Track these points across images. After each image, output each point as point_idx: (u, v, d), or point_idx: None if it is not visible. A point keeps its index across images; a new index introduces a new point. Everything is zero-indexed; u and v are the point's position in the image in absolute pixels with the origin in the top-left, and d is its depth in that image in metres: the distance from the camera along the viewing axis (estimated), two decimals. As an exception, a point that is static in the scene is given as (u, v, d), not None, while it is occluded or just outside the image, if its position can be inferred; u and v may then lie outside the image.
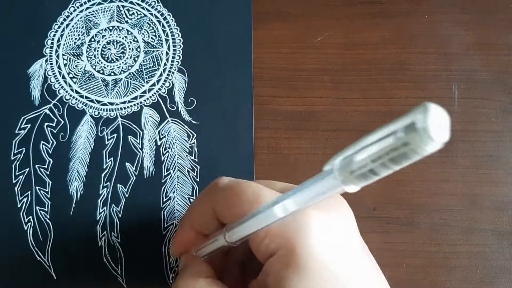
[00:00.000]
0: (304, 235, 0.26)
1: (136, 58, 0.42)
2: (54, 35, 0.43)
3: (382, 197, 0.40)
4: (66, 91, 0.41)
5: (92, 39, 0.43)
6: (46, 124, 0.40)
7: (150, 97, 0.41)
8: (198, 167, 0.40)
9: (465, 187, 0.40)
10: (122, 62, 0.42)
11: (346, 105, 0.42)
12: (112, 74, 0.42)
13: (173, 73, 0.42)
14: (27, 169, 0.39)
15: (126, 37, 0.43)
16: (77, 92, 0.41)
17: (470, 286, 0.38)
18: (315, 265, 0.26)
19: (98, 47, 0.43)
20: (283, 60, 0.43)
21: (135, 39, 0.43)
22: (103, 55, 0.42)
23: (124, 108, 0.41)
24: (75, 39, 0.43)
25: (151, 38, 0.43)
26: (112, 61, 0.42)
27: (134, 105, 0.41)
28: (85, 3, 0.44)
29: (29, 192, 0.39)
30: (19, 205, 0.39)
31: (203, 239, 0.31)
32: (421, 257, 0.38)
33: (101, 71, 0.42)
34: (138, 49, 0.43)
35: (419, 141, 0.16)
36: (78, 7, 0.44)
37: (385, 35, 0.44)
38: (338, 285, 0.26)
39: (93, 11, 0.44)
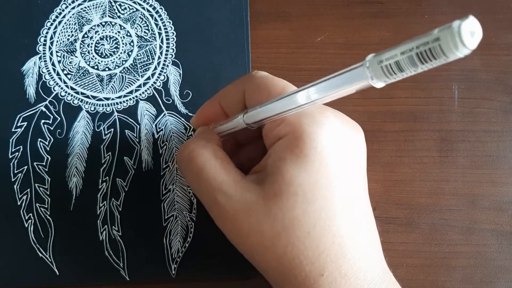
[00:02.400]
0: (316, 128, 0.28)
1: (130, 53, 0.44)
2: (47, 33, 0.44)
3: (382, 197, 0.41)
4: (61, 88, 0.42)
5: (85, 35, 0.44)
6: (43, 121, 0.42)
7: (146, 91, 0.43)
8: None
9: (465, 187, 0.41)
10: (116, 57, 0.43)
11: (346, 105, 0.43)
12: (107, 69, 0.43)
13: (167, 66, 0.43)
14: (26, 167, 0.40)
15: (119, 32, 0.44)
16: (72, 88, 0.42)
17: (470, 286, 0.39)
18: (316, 157, 0.28)
19: (92, 43, 0.44)
20: (283, 60, 0.44)
21: (128, 34, 0.44)
22: (97, 51, 0.44)
23: (120, 102, 0.42)
24: (68, 35, 0.44)
25: (144, 32, 0.44)
26: (106, 57, 0.43)
27: (130, 99, 0.42)
28: (76, -1, 0.45)
29: (29, 190, 0.40)
30: (19, 203, 0.40)
31: (224, 119, 0.34)
32: (421, 257, 0.39)
33: (96, 67, 0.43)
34: (132, 44, 0.44)
35: (449, 38, 0.18)
36: (70, 4, 0.45)
37: (385, 35, 0.45)
38: (329, 186, 0.28)
39: (85, 7, 0.45)
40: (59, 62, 0.43)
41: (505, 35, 0.45)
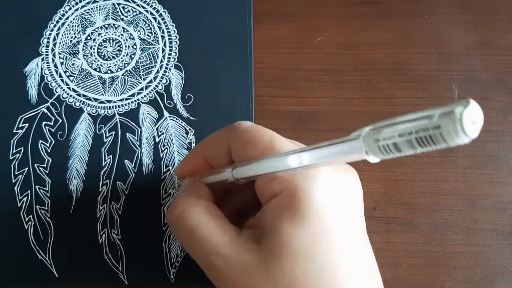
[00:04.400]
0: (310, 184, 0.27)
1: (132, 56, 0.43)
2: (50, 34, 0.44)
3: (382, 197, 0.40)
4: (63, 90, 0.42)
5: (88, 37, 0.43)
6: (44, 123, 0.41)
7: (148, 94, 0.42)
8: (197, 163, 0.40)
9: (465, 187, 0.40)
10: (119, 60, 0.43)
11: (346, 105, 0.42)
12: (109, 72, 0.43)
13: (169, 69, 0.43)
14: (26, 169, 0.40)
15: (122, 34, 0.44)
16: (74, 90, 0.42)
17: (470, 286, 0.38)
18: (314, 214, 0.27)
19: (94, 45, 0.43)
20: (283, 60, 0.44)
21: (131, 37, 0.44)
22: (100, 53, 0.43)
23: (122, 105, 0.42)
24: (71, 37, 0.43)
25: (147, 35, 0.44)
26: (109, 59, 0.43)
27: (132, 102, 0.42)
28: (80, 1, 0.45)
29: (29, 191, 0.40)
30: (19, 205, 0.39)
31: (210, 170, 0.32)
32: (421, 257, 0.39)
33: (98, 69, 0.43)
34: (134, 47, 0.43)
35: (450, 127, 0.17)
36: (73, 6, 0.44)
37: (385, 35, 0.44)
38: (328, 242, 0.27)
39: (89, 9, 0.44)
40: (61, 63, 0.43)
41: (505, 35, 0.44)
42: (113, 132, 0.41)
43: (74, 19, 0.44)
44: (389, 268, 0.39)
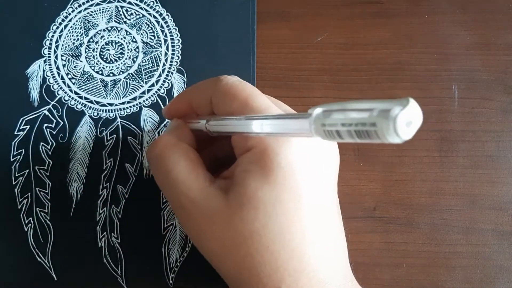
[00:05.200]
0: (282, 143, 0.28)
1: (135, 59, 0.43)
2: (53, 36, 0.43)
3: (382, 197, 0.40)
4: (65, 92, 0.42)
5: (91, 40, 0.43)
6: (46, 125, 0.41)
7: (149, 97, 0.42)
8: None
9: (465, 187, 0.40)
10: (121, 63, 0.43)
11: (346, 105, 0.42)
12: (111, 74, 0.42)
13: (172, 73, 0.43)
14: (27, 171, 0.40)
15: (124, 37, 0.43)
16: (76, 93, 0.42)
17: (470, 286, 0.38)
18: (280, 172, 0.27)
19: (97, 48, 0.43)
20: (283, 60, 0.43)
21: (134, 40, 0.43)
22: (102, 56, 0.43)
23: (123, 108, 0.41)
24: (74, 39, 0.43)
25: (150, 38, 0.43)
26: (111, 62, 0.43)
27: (133, 105, 0.42)
28: (83, 3, 0.44)
29: (29, 194, 0.39)
30: (19, 207, 0.39)
31: (194, 116, 0.33)
32: (421, 257, 0.39)
33: (100, 72, 0.42)
34: (137, 50, 0.43)
35: (384, 127, 0.17)
36: (76, 8, 0.44)
37: (385, 35, 0.44)
38: (291, 200, 0.27)
39: (92, 11, 0.44)
40: (63, 66, 0.42)
41: (505, 35, 0.44)
42: (114, 136, 0.41)
43: (77, 21, 0.44)
44: (389, 268, 0.38)
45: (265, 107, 0.28)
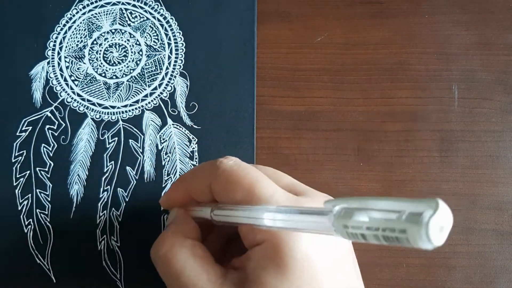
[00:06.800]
0: (295, 235, 0.26)
1: (138, 62, 0.42)
2: (57, 37, 0.43)
3: (382, 197, 0.40)
4: (68, 94, 0.41)
5: (95, 42, 0.43)
6: (47, 126, 0.40)
7: (152, 101, 0.41)
8: (199, 172, 0.40)
9: (465, 187, 0.40)
10: (124, 66, 0.42)
11: (346, 105, 0.42)
12: (114, 77, 0.42)
13: (175, 77, 0.42)
14: (28, 172, 0.39)
15: (128, 40, 0.43)
16: (78, 95, 0.41)
17: (470, 286, 0.38)
18: (297, 266, 0.26)
19: (100, 50, 0.42)
20: (283, 60, 0.43)
21: (138, 42, 0.43)
22: (105, 58, 0.42)
23: (126, 111, 0.41)
24: (78, 41, 0.43)
25: (154, 41, 0.43)
26: (114, 64, 0.42)
27: (136, 108, 0.41)
28: (87, 5, 0.44)
29: (30, 195, 0.39)
30: (19, 208, 0.39)
31: (195, 203, 0.31)
32: (421, 257, 0.38)
33: (103, 74, 0.42)
34: (140, 53, 0.42)
35: (416, 234, 0.16)
36: (80, 10, 0.44)
37: (385, 35, 0.43)
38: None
39: (96, 13, 0.43)
40: (67, 67, 0.42)
41: (505, 35, 0.43)
42: (116, 138, 0.40)
43: (81, 23, 0.43)
44: (389, 268, 0.38)
45: (271, 194, 0.27)
